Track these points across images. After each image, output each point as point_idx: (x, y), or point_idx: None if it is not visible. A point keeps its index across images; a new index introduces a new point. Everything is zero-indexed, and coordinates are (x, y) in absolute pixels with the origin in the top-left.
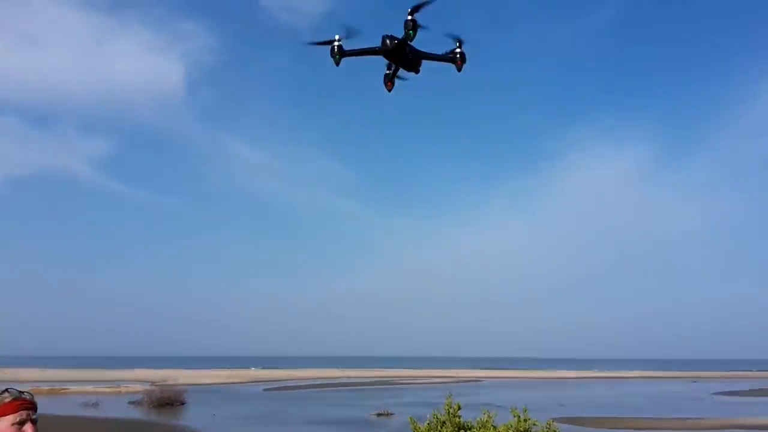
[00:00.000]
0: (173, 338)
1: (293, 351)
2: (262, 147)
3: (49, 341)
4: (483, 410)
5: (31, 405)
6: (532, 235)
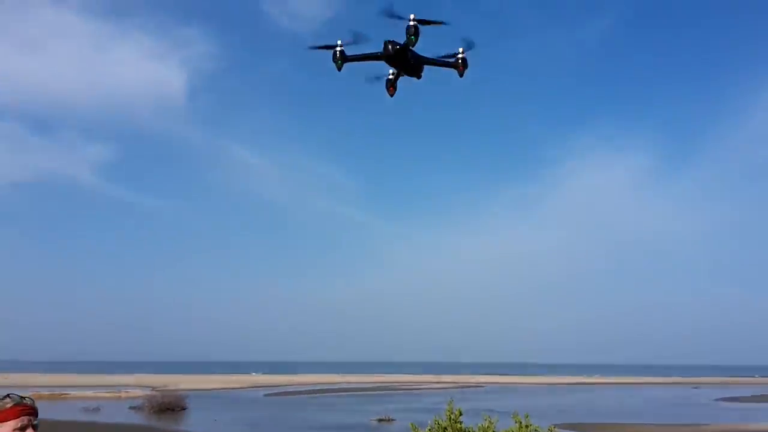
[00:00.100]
0: (174, 343)
1: (294, 356)
2: (263, 153)
3: (50, 346)
4: (484, 416)
5: (33, 410)
6: (533, 242)
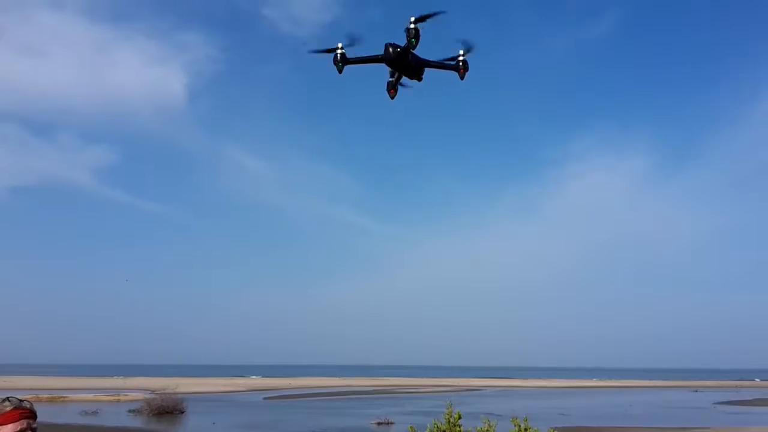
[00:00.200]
0: (173, 347)
1: (293, 360)
2: (264, 156)
3: (49, 349)
4: (483, 419)
5: (32, 414)
6: (533, 245)
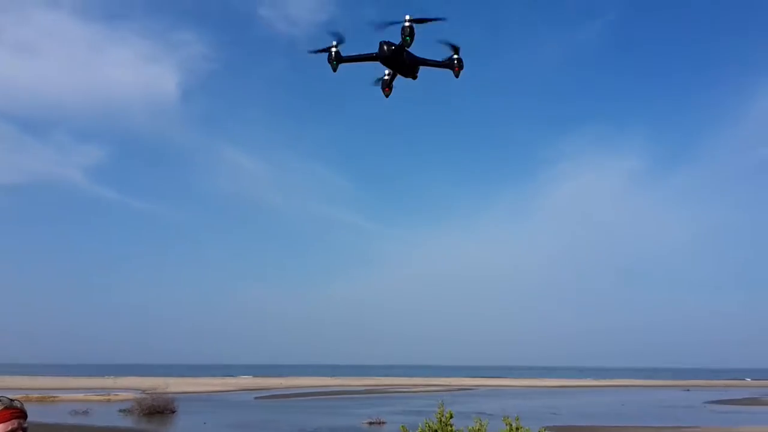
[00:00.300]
0: (164, 346)
1: (284, 359)
2: (258, 155)
3: (40, 349)
4: (475, 419)
5: (22, 413)
6: (526, 245)
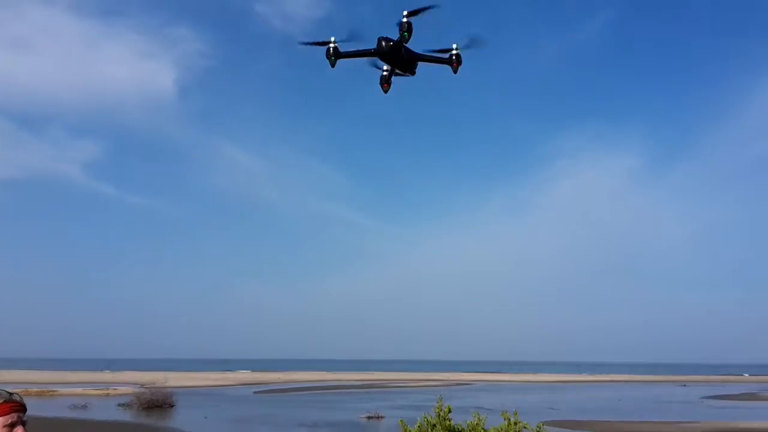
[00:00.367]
0: (163, 341)
1: (283, 354)
2: (254, 151)
3: (38, 343)
4: (473, 413)
5: (22, 407)
6: (523, 241)
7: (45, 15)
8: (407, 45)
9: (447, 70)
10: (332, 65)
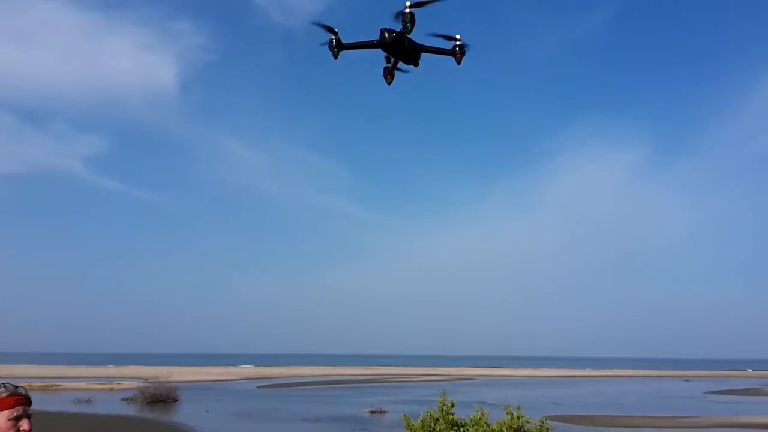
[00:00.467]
0: (166, 336)
1: (286, 349)
2: (255, 145)
3: (42, 338)
4: (476, 408)
5: (27, 400)
6: (526, 235)
7: (45, 8)
8: (409, 36)
9: (449, 62)
10: (335, 57)
